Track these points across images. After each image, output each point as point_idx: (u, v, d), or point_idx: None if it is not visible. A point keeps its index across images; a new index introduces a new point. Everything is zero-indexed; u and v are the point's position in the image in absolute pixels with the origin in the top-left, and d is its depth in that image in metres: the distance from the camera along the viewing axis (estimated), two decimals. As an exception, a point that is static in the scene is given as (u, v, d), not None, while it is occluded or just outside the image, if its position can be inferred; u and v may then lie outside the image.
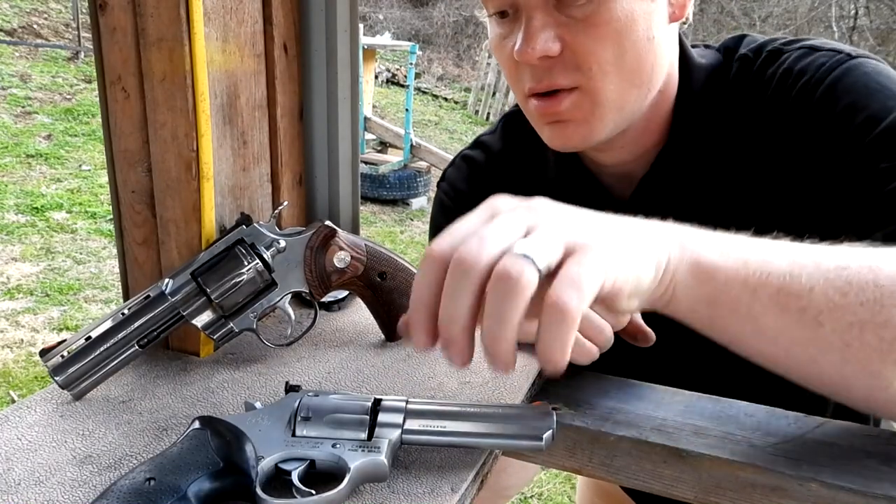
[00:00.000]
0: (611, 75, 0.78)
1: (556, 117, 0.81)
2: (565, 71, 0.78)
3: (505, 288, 0.44)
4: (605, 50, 0.77)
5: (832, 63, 0.79)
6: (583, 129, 0.81)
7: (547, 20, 0.77)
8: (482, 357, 0.69)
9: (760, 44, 0.86)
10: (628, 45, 0.78)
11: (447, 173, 1.05)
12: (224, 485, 0.49)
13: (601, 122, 0.81)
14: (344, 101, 0.83)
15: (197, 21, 0.64)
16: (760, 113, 0.82)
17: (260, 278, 0.67)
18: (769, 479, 0.58)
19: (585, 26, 0.76)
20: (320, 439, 0.51)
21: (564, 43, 0.77)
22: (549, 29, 0.77)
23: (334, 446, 0.50)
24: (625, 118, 0.82)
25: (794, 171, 0.80)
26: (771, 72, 0.83)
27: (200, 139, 0.66)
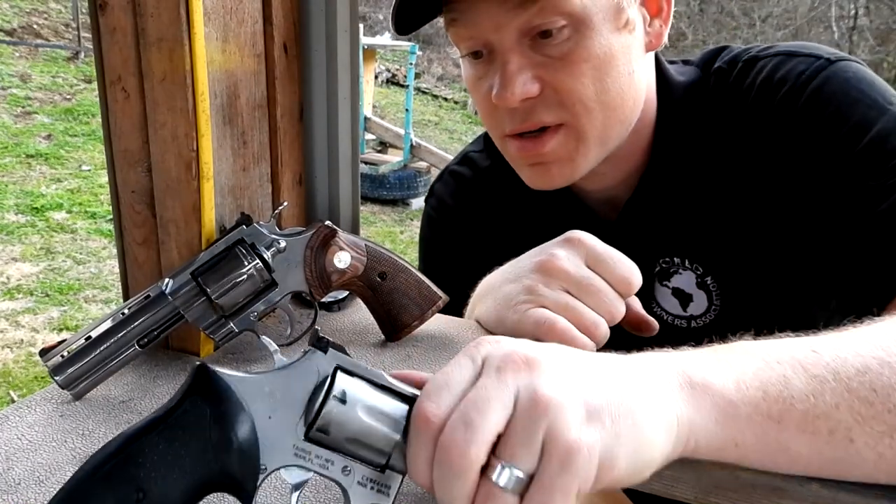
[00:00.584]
0: (594, 112, 0.77)
1: (538, 159, 0.80)
2: (548, 109, 0.77)
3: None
4: (586, 87, 0.76)
5: (812, 70, 0.78)
6: (566, 168, 0.80)
7: (523, 62, 0.75)
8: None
9: (735, 54, 0.85)
10: (609, 81, 0.76)
11: (435, 188, 1.04)
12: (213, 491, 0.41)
13: (584, 159, 0.80)
14: (344, 101, 0.83)
15: (197, 21, 0.64)
16: (741, 124, 0.81)
17: (260, 278, 0.67)
18: (769, 479, 0.58)
19: (564, 64, 0.75)
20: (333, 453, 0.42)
21: (543, 82, 0.76)
22: (527, 70, 0.75)
23: (345, 470, 0.42)
24: (607, 151, 0.81)
25: (780, 181, 0.79)
26: (749, 81, 0.82)
27: (200, 139, 0.66)
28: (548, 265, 0.68)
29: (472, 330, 0.75)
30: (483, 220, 0.97)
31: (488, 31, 0.75)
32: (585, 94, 0.76)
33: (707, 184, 0.83)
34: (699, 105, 0.84)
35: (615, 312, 0.66)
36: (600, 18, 0.74)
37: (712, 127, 0.83)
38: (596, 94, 0.76)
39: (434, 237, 1.03)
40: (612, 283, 0.66)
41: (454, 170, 1.03)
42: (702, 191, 0.84)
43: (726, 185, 0.82)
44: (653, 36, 0.81)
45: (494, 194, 0.96)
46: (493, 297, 0.74)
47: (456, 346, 0.71)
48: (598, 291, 0.66)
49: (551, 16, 0.73)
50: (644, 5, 0.80)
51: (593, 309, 0.66)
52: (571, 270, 0.66)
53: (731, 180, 0.82)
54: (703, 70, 0.87)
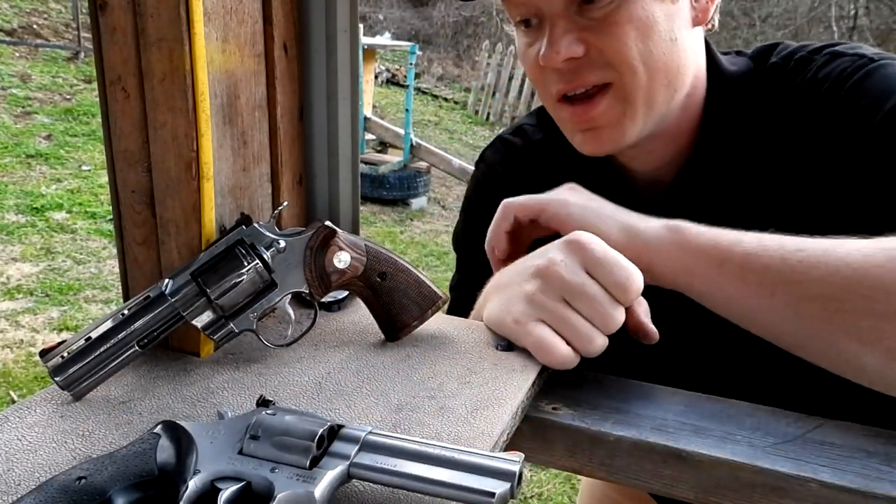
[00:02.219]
0: (639, 71, 0.80)
1: (589, 124, 0.83)
2: (594, 68, 0.81)
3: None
4: (630, 48, 0.79)
5: (854, 67, 0.80)
6: (615, 132, 0.83)
7: (569, 25, 0.79)
8: (483, 357, 0.69)
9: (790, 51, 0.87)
10: (651, 43, 0.79)
11: (485, 154, 1.07)
12: (149, 495, 0.48)
13: (632, 123, 0.82)
14: (344, 101, 0.83)
15: (197, 21, 0.64)
16: (789, 119, 0.83)
17: (260, 278, 0.67)
18: (769, 479, 0.58)
19: (606, 26, 0.78)
20: (263, 461, 0.48)
21: (588, 44, 0.79)
22: (572, 33, 0.79)
23: (273, 471, 0.47)
24: (654, 119, 0.84)
25: (821, 173, 0.81)
26: (799, 80, 0.84)
27: (200, 139, 0.66)
28: (546, 271, 0.68)
29: (472, 330, 0.75)
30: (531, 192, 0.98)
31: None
32: (629, 54, 0.79)
33: (751, 172, 0.85)
34: (750, 95, 0.86)
35: (610, 322, 0.65)
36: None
37: (761, 118, 0.85)
38: (640, 55, 0.79)
39: (479, 202, 1.04)
40: (609, 289, 0.66)
41: (506, 138, 1.05)
42: (745, 179, 0.86)
43: (769, 175, 0.84)
44: (699, 10, 0.84)
45: (543, 167, 0.98)
46: (497, 298, 0.74)
47: (456, 346, 0.72)
48: (591, 300, 0.65)
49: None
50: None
51: (588, 318, 0.65)
52: (567, 277, 0.66)
53: (775, 171, 0.84)
54: (756, 63, 0.89)
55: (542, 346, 0.67)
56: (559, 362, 0.66)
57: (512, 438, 0.61)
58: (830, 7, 10.23)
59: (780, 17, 10.63)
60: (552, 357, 0.66)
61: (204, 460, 0.49)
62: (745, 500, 0.59)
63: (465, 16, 12.09)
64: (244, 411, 0.54)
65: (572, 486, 2.73)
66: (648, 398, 0.68)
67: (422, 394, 0.63)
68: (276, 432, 0.49)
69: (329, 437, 0.49)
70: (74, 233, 4.63)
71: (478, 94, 9.60)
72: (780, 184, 0.83)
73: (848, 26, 10.19)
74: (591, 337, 0.66)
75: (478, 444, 0.56)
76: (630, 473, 0.63)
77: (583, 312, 0.66)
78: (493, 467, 0.46)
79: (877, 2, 10.07)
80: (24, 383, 3.08)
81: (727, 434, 0.62)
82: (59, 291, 3.88)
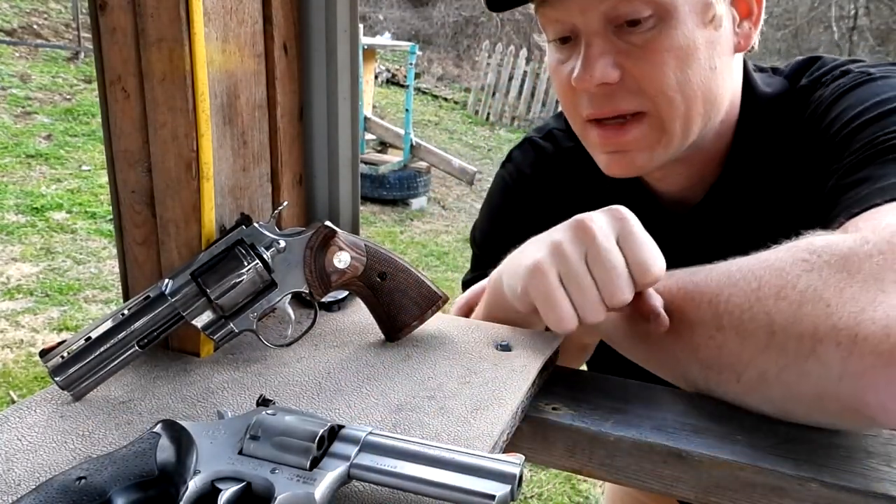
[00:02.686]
0: (676, 101, 0.77)
1: (619, 147, 0.80)
2: (628, 96, 0.77)
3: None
4: (668, 76, 0.76)
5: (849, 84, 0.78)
6: (644, 157, 0.80)
7: (606, 47, 0.76)
8: (483, 357, 0.69)
9: (823, 72, 0.85)
10: (690, 72, 0.76)
11: (514, 155, 1.04)
12: (149, 495, 0.48)
13: (664, 150, 0.80)
14: (344, 101, 0.83)
15: (197, 21, 0.64)
16: (805, 143, 0.82)
17: (260, 279, 0.67)
18: (769, 479, 0.58)
19: (644, 52, 0.75)
20: (263, 461, 0.48)
21: (624, 69, 0.76)
22: (608, 56, 0.76)
23: (273, 471, 0.47)
24: (686, 145, 0.81)
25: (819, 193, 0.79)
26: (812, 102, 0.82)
27: (200, 139, 0.66)
28: (581, 225, 0.67)
29: (472, 330, 0.75)
30: (556, 198, 0.96)
31: (575, 14, 0.76)
32: (666, 83, 0.76)
33: (776, 195, 0.84)
34: (781, 119, 0.84)
35: (617, 297, 0.64)
36: (686, 11, 0.75)
37: (788, 142, 0.83)
38: (678, 84, 0.76)
39: (505, 203, 1.03)
40: (632, 266, 0.65)
41: (536, 141, 1.02)
42: (770, 201, 0.84)
43: (791, 197, 0.82)
44: (741, 37, 0.81)
45: (571, 176, 0.96)
46: (518, 251, 0.73)
47: (456, 346, 0.71)
48: (611, 269, 0.64)
49: (638, 4, 0.74)
50: (734, 5, 0.80)
51: (600, 285, 0.65)
52: (599, 238, 0.65)
53: (796, 193, 0.82)
54: (791, 82, 0.87)
55: (548, 299, 0.65)
56: (559, 321, 0.65)
57: (512, 438, 0.61)
58: (830, 7, 10.23)
59: (780, 17, 10.63)
60: (556, 313, 0.65)
61: (204, 460, 0.49)
62: (745, 500, 0.59)
63: (465, 16, 12.09)
64: (244, 411, 0.54)
65: (572, 486, 2.73)
66: (648, 398, 0.68)
67: (422, 394, 0.63)
68: (276, 433, 0.49)
69: (329, 437, 0.49)
70: (74, 233, 4.63)
71: (478, 94, 9.60)
72: (798, 205, 0.81)
73: (848, 26, 10.19)
74: (596, 307, 0.65)
75: (478, 444, 0.56)
76: (630, 473, 0.63)
77: (597, 278, 0.65)
78: (494, 469, 0.46)
79: (877, 2, 10.08)
80: (24, 383, 3.07)
81: (727, 434, 0.62)
82: (59, 291, 3.88)
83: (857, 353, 0.53)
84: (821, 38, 10.58)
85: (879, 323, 0.53)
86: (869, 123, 0.73)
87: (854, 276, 0.56)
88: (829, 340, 0.55)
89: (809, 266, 0.59)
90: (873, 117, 0.73)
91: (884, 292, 0.54)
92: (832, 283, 0.57)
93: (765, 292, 0.60)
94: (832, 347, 0.55)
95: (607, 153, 0.82)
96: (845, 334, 0.54)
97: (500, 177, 1.05)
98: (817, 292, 0.57)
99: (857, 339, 0.53)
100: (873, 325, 0.53)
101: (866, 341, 0.53)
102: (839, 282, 0.56)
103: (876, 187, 0.66)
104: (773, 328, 0.59)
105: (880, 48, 9.94)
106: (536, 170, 1.01)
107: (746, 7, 0.81)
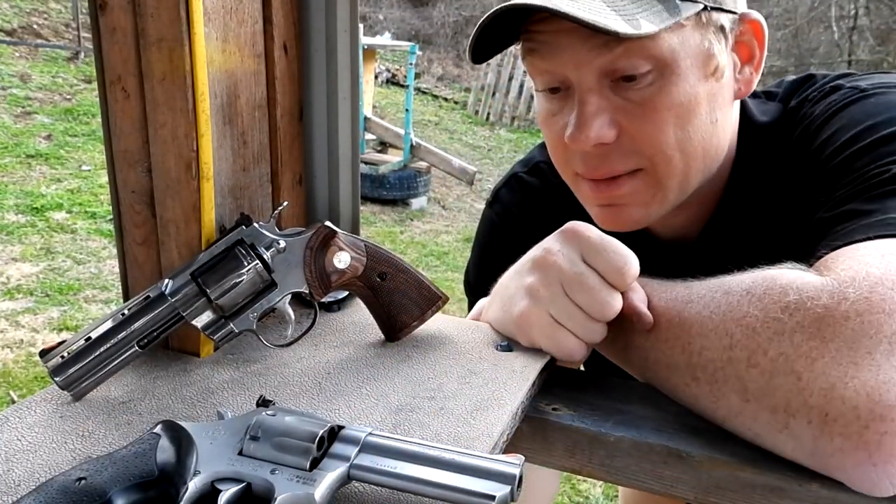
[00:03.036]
0: (674, 160, 0.74)
1: (612, 200, 0.77)
2: (623, 157, 0.74)
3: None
4: (667, 135, 0.72)
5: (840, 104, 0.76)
6: (639, 211, 0.77)
7: (602, 104, 0.72)
8: (483, 358, 0.69)
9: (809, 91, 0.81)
10: (691, 129, 0.73)
11: (501, 194, 1.00)
12: (149, 496, 0.48)
13: (661, 205, 0.77)
14: (344, 101, 0.83)
15: (197, 21, 0.64)
16: (795, 165, 0.79)
17: (260, 279, 0.67)
18: (769, 479, 0.58)
19: (643, 110, 0.71)
20: (263, 462, 0.48)
21: (621, 128, 0.72)
22: (605, 114, 0.71)
23: (273, 472, 0.47)
24: (683, 196, 0.78)
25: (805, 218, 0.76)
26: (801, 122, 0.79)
27: (200, 139, 0.66)
28: (544, 262, 0.67)
29: (472, 330, 0.75)
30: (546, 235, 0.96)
31: (568, 68, 0.72)
32: (666, 142, 0.72)
33: (773, 226, 0.81)
34: (775, 148, 0.81)
35: (607, 311, 0.65)
36: (688, 65, 0.71)
37: (783, 168, 0.80)
38: (677, 143, 0.73)
39: (494, 243, 1.00)
40: (606, 275, 0.65)
41: (523, 178, 0.99)
42: (768, 233, 0.81)
43: (788, 226, 0.79)
44: (742, 83, 0.78)
45: (561, 211, 0.90)
46: (499, 299, 0.74)
47: (456, 346, 0.71)
48: (590, 290, 0.64)
49: (637, 59, 0.69)
50: (735, 50, 0.76)
51: (585, 308, 0.65)
52: (566, 268, 0.65)
53: (791, 222, 0.79)
54: (784, 104, 0.83)
55: (552, 338, 0.66)
56: (569, 353, 0.66)
57: (512, 439, 0.61)
58: (830, 7, 10.23)
59: (780, 17, 10.63)
60: (563, 349, 0.66)
61: (204, 461, 0.49)
62: (745, 501, 0.59)
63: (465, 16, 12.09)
64: (244, 412, 0.54)
65: (572, 485, 2.73)
66: (648, 398, 0.68)
67: (422, 394, 0.63)
68: (276, 433, 0.49)
69: (329, 438, 0.49)
70: (74, 233, 4.63)
71: (478, 94, 9.60)
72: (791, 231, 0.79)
73: (848, 26, 10.19)
74: (593, 329, 0.66)
75: (478, 444, 0.56)
76: (630, 474, 0.63)
77: (580, 303, 0.65)
78: (494, 470, 0.46)
79: (877, 2, 10.07)
80: (24, 383, 3.07)
81: (727, 434, 0.62)
82: (59, 291, 3.88)
83: (828, 432, 0.53)
84: (821, 38, 10.57)
85: (849, 403, 0.52)
86: (862, 153, 0.70)
87: (827, 345, 0.54)
88: (801, 417, 0.54)
89: (781, 328, 0.56)
90: (867, 146, 0.70)
91: (856, 365, 0.53)
92: (804, 351, 0.55)
93: (737, 354, 0.58)
94: (804, 424, 0.54)
95: (600, 206, 0.79)
96: (816, 413, 0.53)
97: (488, 218, 1.02)
98: (788, 362, 0.55)
99: (828, 419, 0.53)
100: (843, 405, 0.52)
101: (836, 422, 0.52)
102: (811, 351, 0.55)
103: (862, 223, 0.64)
104: (746, 395, 0.58)
105: (880, 48, 9.94)
106: (525, 209, 0.97)
107: (748, 52, 0.77)
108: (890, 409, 0.51)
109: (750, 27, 0.77)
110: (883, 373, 0.52)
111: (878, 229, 0.62)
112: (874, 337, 0.53)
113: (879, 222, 0.63)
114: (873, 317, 0.53)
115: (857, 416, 0.52)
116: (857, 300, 0.54)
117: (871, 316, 0.53)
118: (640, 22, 0.67)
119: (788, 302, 0.57)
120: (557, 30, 0.71)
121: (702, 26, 0.72)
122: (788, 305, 0.57)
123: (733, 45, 0.76)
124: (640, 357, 0.68)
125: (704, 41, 0.72)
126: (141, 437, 0.51)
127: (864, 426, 0.51)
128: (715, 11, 0.72)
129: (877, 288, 0.54)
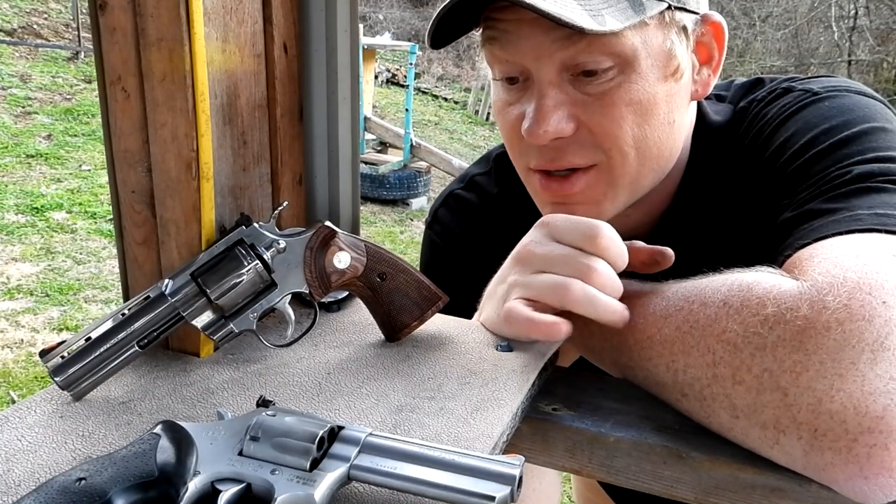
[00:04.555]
0: (629, 157, 0.73)
1: (564, 199, 0.77)
2: (580, 150, 0.73)
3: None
4: (625, 131, 0.72)
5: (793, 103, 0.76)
6: (591, 210, 0.76)
7: (560, 98, 0.71)
8: (483, 358, 0.69)
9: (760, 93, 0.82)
10: (648, 128, 0.73)
11: (439, 214, 0.99)
12: (149, 496, 0.48)
13: (612, 204, 0.77)
14: (344, 101, 0.83)
15: (197, 21, 0.64)
16: (749, 165, 0.79)
17: (260, 279, 0.67)
18: (769, 479, 0.58)
19: (603, 105, 0.71)
20: (263, 462, 0.48)
21: (579, 122, 0.72)
22: (563, 107, 0.71)
23: (273, 472, 0.47)
24: (636, 197, 0.78)
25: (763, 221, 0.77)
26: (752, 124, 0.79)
27: (200, 139, 0.66)
28: (520, 255, 0.68)
29: (472, 330, 0.75)
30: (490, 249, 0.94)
31: (528, 59, 0.71)
32: (623, 137, 0.72)
33: (725, 225, 0.81)
34: (727, 149, 0.81)
35: (590, 273, 0.63)
36: (649, 64, 0.71)
37: (735, 168, 0.80)
38: (633, 140, 0.73)
39: (438, 264, 0.99)
40: (581, 245, 0.65)
41: (459, 195, 0.98)
42: (720, 232, 0.82)
43: (741, 226, 0.80)
44: (700, 85, 0.78)
45: (503, 222, 0.91)
46: (489, 302, 0.74)
47: (456, 346, 0.71)
48: (565, 258, 0.64)
49: (599, 55, 0.69)
50: (695, 51, 0.76)
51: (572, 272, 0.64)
52: (538, 251, 0.66)
53: (745, 222, 0.79)
54: (735, 106, 0.84)
55: (531, 320, 0.65)
56: (551, 333, 0.65)
57: (512, 439, 0.61)
58: (830, 7, 10.23)
59: (780, 17, 10.63)
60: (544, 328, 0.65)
61: (204, 461, 0.49)
62: (745, 501, 0.59)
63: (465, 16, 12.09)
64: (244, 412, 0.54)
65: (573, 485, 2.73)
66: (649, 399, 0.68)
67: (422, 394, 0.63)
68: (276, 433, 0.49)
69: (329, 438, 0.49)
70: (74, 233, 4.63)
71: (478, 94, 9.60)
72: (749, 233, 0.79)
73: (848, 26, 10.19)
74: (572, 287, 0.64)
75: (477, 445, 0.56)
76: (630, 474, 0.63)
77: (562, 273, 0.65)
78: (494, 470, 0.46)
79: (877, 2, 10.07)
80: (24, 383, 3.08)
81: (727, 434, 0.62)
82: (59, 291, 3.88)
83: (818, 448, 0.53)
84: (821, 38, 10.58)
85: (837, 418, 0.52)
86: (821, 156, 0.70)
87: (811, 357, 0.53)
88: (791, 433, 0.54)
89: (762, 342, 0.56)
90: (824, 150, 0.70)
91: (841, 377, 0.52)
92: (788, 366, 0.54)
93: (721, 371, 0.58)
94: (794, 440, 0.54)
95: (552, 204, 0.78)
96: (805, 429, 0.53)
97: (428, 238, 1.00)
98: (773, 378, 0.55)
99: (817, 434, 0.53)
100: (831, 419, 0.52)
101: (825, 437, 0.52)
102: (795, 365, 0.54)
103: (829, 220, 0.64)
104: (735, 412, 0.57)
105: (880, 48, 9.94)
106: (464, 226, 0.96)
107: (707, 53, 0.77)
108: (877, 420, 0.50)
109: (710, 28, 0.77)
110: (868, 383, 0.51)
111: (848, 224, 0.62)
112: (856, 346, 0.52)
113: (848, 218, 0.63)
114: (854, 325, 0.52)
115: (846, 430, 0.51)
116: (836, 308, 0.53)
117: (851, 324, 0.52)
118: (605, 18, 0.67)
119: (767, 315, 0.56)
120: (520, 19, 0.70)
121: (665, 26, 0.72)
122: (768, 319, 0.56)
123: (693, 47, 0.76)
124: (630, 375, 0.68)
125: (666, 41, 0.72)
126: (141, 437, 0.51)
127: (853, 440, 0.51)
128: (678, 11, 0.73)
129: (856, 294, 0.53)
